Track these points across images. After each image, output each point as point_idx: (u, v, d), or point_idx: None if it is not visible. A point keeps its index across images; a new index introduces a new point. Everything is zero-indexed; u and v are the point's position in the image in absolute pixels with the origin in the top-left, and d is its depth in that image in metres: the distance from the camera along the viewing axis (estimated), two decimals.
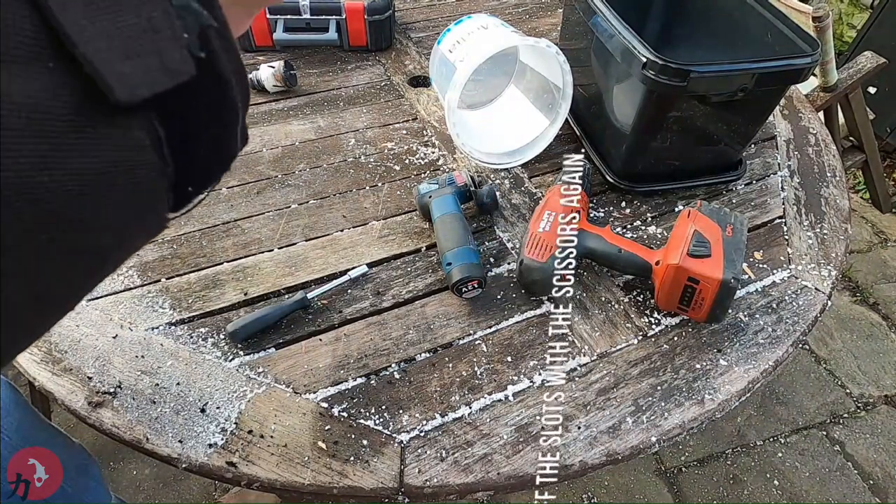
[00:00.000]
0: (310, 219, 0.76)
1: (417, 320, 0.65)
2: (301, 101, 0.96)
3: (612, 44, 0.72)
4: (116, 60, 0.14)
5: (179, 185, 0.19)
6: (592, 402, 0.59)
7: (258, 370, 0.59)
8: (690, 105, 0.71)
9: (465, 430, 0.56)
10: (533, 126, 0.87)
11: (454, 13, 1.20)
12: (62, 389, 0.56)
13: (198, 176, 0.19)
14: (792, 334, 0.66)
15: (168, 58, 0.15)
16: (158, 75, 0.15)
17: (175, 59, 0.16)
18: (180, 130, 0.17)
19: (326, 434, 0.55)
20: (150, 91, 0.15)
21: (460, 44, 0.80)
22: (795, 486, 1.31)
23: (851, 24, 2.27)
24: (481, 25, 0.82)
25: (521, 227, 0.76)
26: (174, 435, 0.53)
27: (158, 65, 0.15)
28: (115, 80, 0.14)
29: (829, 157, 0.92)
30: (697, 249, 0.61)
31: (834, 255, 0.75)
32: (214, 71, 0.17)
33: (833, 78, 1.43)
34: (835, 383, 1.50)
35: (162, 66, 0.15)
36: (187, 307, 0.65)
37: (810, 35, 0.71)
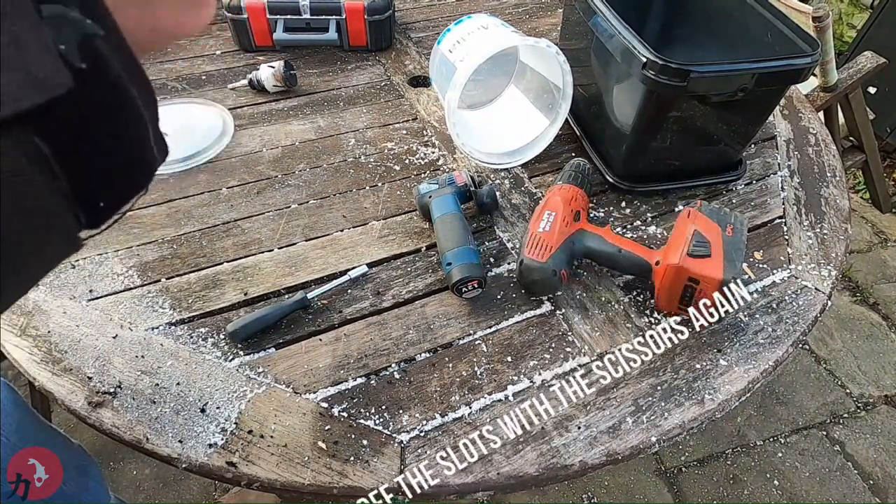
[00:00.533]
0: (310, 219, 0.76)
1: (417, 320, 0.65)
2: (301, 101, 0.96)
3: (612, 44, 0.72)
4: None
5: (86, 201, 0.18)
6: (592, 402, 0.59)
7: (258, 370, 0.59)
8: (690, 105, 0.71)
9: (465, 430, 0.56)
10: (533, 126, 0.87)
11: (454, 13, 1.20)
12: (62, 389, 0.56)
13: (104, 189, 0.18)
14: (792, 334, 0.66)
15: (37, 71, 0.15)
16: (26, 91, 0.14)
17: (45, 72, 0.15)
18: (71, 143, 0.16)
19: (326, 434, 0.55)
20: (14, 109, 0.14)
21: (460, 44, 0.81)
22: (795, 486, 1.31)
23: (851, 24, 2.27)
24: (481, 25, 0.82)
25: (521, 227, 0.76)
26: (174, 435, 0.53)
27: (24, 80, 0.14)
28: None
29: (829, 157, 0.92)
30: (697, 249, 0.61)
31: (834, 255, 0.75)
32: (103, 79, 0.16)
33: (833, 78, 1.43)
34: (835, 383, 1.50)
35: (29, 80, 0.14)
36: (187, 307, 0.65)
37: (810, 35, 0.71)
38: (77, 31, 0.15)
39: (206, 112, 0.92)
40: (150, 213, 0.75)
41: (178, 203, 0.77)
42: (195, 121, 0.89)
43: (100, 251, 0.70)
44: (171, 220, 0.75)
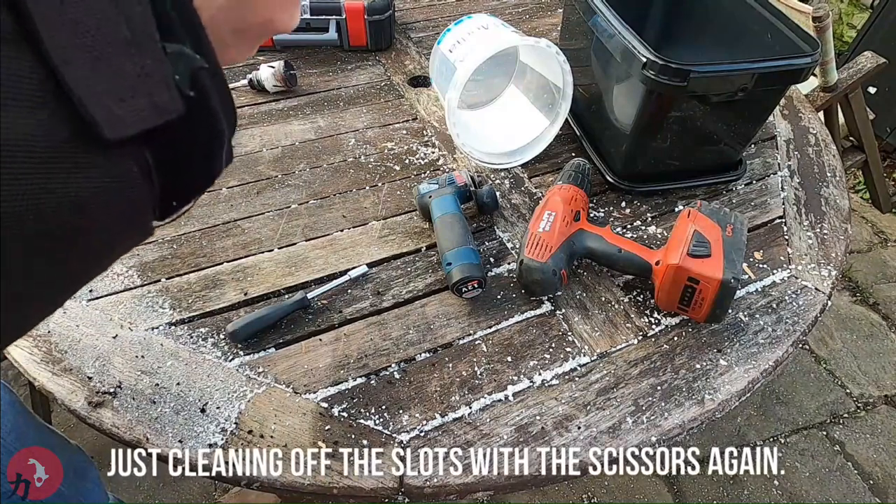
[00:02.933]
0: (310, 219, 0.76)
1: (417, 320, 0.65)
2: (301, 101, 0.96)
3: (612, 44, 0.72)
4: (111, 103, 0.16)
5: (165, 201, 0.21)
6: (592, 402, 0.59)
7: (258, 370, 0.59)
8: (690, 105, 0.71)
9: (465, 430, 0.56)
10: (533, 126, 0.87)
11: (454, 13, 1.20)
12: (62, 389, 0.56)
13: (183, 194, 0.21)
14: (792, 334, 0.66)
15: (158, 98, 0.18)
16: (148, 114, 0.18)
17: (164, 100, 0.18)
18: (170, 157, 0.19)
19: (326, 434, 0.55)
20: (138, 129, 0.17)
21: (460, 44, 0.80)
22: (795, 486, 1.31)
23: (851, 24, 2.27)
24: (481, 25, 0.82)
25: (521, 227, 0.76)
26: (174, 435, 0.53)
27: (148, 105, 0.18)
28: (105, 120, 0.16)
29: (829, 157, 0.92)
30: (697, 249, 0.61)
31: (834, 255, 0.75)
32: (204, 105, 0.19)
33: (833, 78, 1.43)
34: (835, 383, 1.50)
35: (152, 105, 0.18)
36: (187, 307, 0.65)
37: (810, 35, 0.71)
38: (188, 65, 0.19)
39: None
40: None
41: None
42: None
43: None
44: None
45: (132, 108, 0.17)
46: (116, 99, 0.17)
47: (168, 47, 0.18)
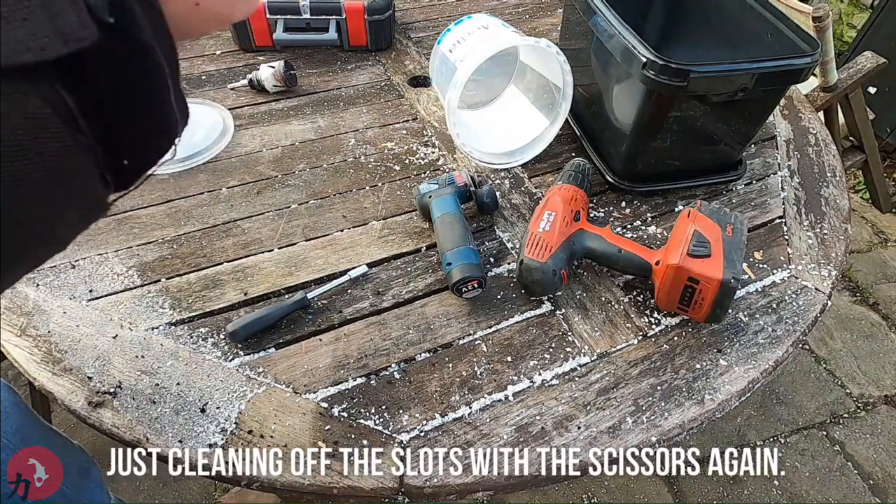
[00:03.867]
0: (310, 219, 0.76)
1: (417, 320, 0.65)
2: (301, 101, 0.96)
3: (612, 44, 0.72)
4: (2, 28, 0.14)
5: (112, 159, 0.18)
6: (592, 402, 0.59)
7: (258, 370, 0.59)
8: (690, 105, 0.71)
9: (465, 430, 0.56)
10: (533, 126, 0.87)
11: (454, 13, 1.20)
12: (62, 389, 0.56)
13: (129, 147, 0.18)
14: (792, 334, 0.66)
15: (63, 23, 0.15)
16: (51, 41, 0.15)
17: (71, 25, 0.15)
18: (94, 97, 0.16)
19: (326, 434, 0.55)
20: (37, 57, 0.14)
21: (460, 44, 0.80)
22: (795, 486, 1.31)
23: (851, 24, 2.27)
24: (482, 25, 0.82)
25: (521, 227, 0.76)
26: (174, 435, 0.53)
27: (51, 30, 0.15)
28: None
29: (829, 157, 0.92)
30: (697, 249, 0.61)
31: (834, 255, 0.75)
32: (131, 36, 0.16)
33: (833, 78, 1.43)
34: (835, 383, 1.50)
35: (56, 31, 0.15)
36: (187, 307, 0.65)
37: (810, 35, 0.71)
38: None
39: (206, 112, 0.92)
40: (149, 213, 0.75)
41: (178, 203, 0.77)
42: (195, 121, 0.89)
43: (100, 251, 0.70)
44: (171, 220, 0.75)
45: (28, 34, 0.14)
46: (7, 20, 0.14)
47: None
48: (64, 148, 0.16)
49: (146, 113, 0.18)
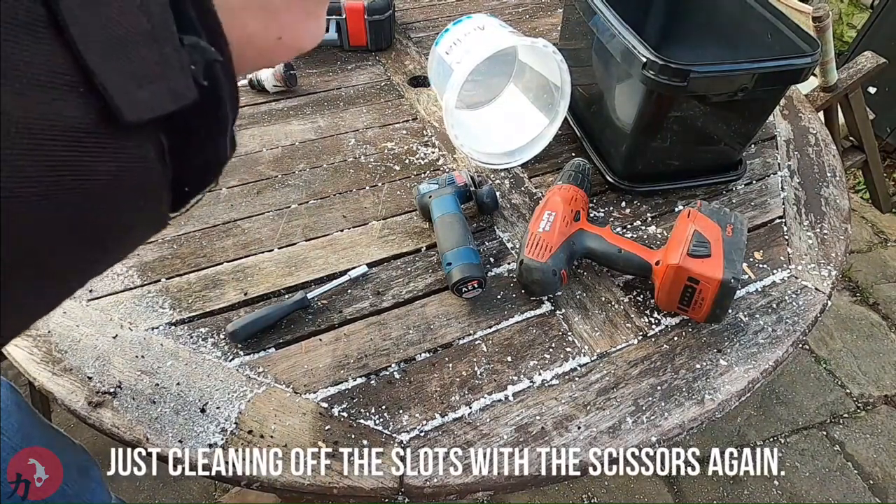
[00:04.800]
0: (310, 219, 0.76)
1: (417, 320, 0.65)
2: (301, 101, 0.96)
3: (612, 44, 0.72)
4: (130, 88, 0.18)
5: (177, 186, 0.22)
6: (592, 402, 0.59)
7: (258, 370, 0.59)
8: (690, 105, 0.71)
9: (465, 430, 0.56)
10: (532, 125, 0.87)
11: (454, 13, 1.20)
12: (62, 389, 0.56)
13: (193, 178, 0.23)
14: (792, 334, 0.66)
15: (174, 83, 0.19)
16: (165, 99, 0.19)
17: (180, 85, 0.19)
18: (181, 141, 0.21)
19: (326, 434, 0.55)
20: (157, 113, 0.19)
21: (457, 45, 0.80)
22: (795, 486, 1.31)
23: (851, 24, 2.27)
24: (478, 26, 0.82)
25: (521, 227, 0.76)
26: (174, 435, 0.53)
27: (166, 90, 0.19)
28: (127, 105, 0.17)
29: (829, 157, 0.92)
30: (697, 249, 0.61)
31: (834, 255, 0.75)
32: (214, 94, 0.21)
33: (833, 78, 1.43)
34: (835, 383, 1.50)
35: (169, 90, 0.19)
36: (187, 307, 0.65)
37: (810, 35, 0.71)
38: (203, 57, 0.20)
39: None
40: None
41: None
42: None
43: None
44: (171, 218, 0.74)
45: (151, 94, 0.18)
46: (136, 85, 0.18)
47: (185, 39, 0.19)
48: (158, 183, 0.21)
49: (211, 152, 0.23)
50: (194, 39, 0.20)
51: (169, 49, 0.19)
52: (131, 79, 0.18)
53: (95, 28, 0.17)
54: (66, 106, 0.16)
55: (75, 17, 0.16)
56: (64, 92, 0.16)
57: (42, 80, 0.16)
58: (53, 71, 0.16)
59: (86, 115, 0.17)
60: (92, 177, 0.17)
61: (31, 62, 0.15)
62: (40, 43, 0.16)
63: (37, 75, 0.16)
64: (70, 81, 0.16)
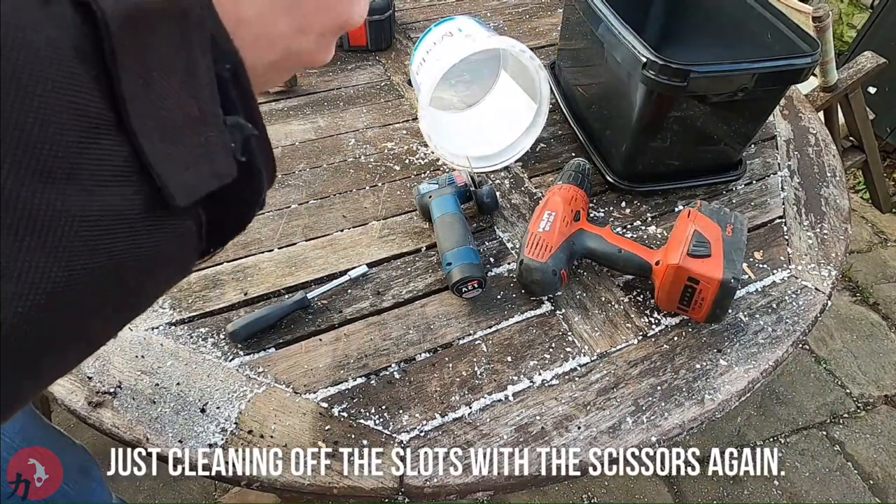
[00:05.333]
0: (310, 219, 0.76)
1: (417, 320, 0.65)
2: (301, 101, 0.96)
3: (611, 44, 0.72)
4: (179, 173, 0.18)
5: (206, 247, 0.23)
6: (592, 402, 0.59)
7: (258, 370, 0.59)
8: (690, 105, 0.71)
9: (465, 430, 0.56)
10: (525, 113, 0.85)
11: (454, 13, 1.20)
12: (62, 389, 0.56)
13: (221, 241, 0.23)
14: (792, 334, 0.66)
15: (217, 166, 0.20)
16: (209, 180, 0.20)
17: (222, 166, 0.20)
18: (218, 213, 0.21)
19: (326, 434, 0.55)
20: (202, 193, 0.19)
21: (423, 64, 0.80)
22: (795, 486, 1.31)
23: (851, 24, 2.27)
24: (437, 40, 0.80)
25: (521, 227, 0.76)
26: (174, 435, 0.53)
27: (210, 172, 0.19)
28: (177, 190, 0.18)
29: (829, 157, 0.92)
30: (697, 249, 0.61)
31: (834, 255, 0.75)
32: (251, 168, 0.21)
33: (833, 78, 1.43)
34: (835, 383, 1.50)
35: (213, 172, 0.20)
36: (187, 307, 0.65)
37: (810, 35, 0.71)
38: (242, 134, 0.21)
39: None
40: None
41: None
42: None
43: None
44: None
45: (196, 176, 0.19)
46: (184, 169, 0.18)
47: (228, 119, 0.20)
48: (194, 253, 0.22)
49: (243, 219, 0.23)
50: (235, 119, 0.20)
51: (214, 132, 0.20)
52: (181, 164, 0.18)
53: (154, 119, 0.17)
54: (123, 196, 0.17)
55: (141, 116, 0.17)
56: (122, 182, 0.17)
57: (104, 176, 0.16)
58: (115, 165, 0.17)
59: (140, 202, 0.17)
60: (138, 253, 0.18)
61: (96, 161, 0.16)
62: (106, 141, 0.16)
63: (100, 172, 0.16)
64: (128, 172, 0.17)
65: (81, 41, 0.15)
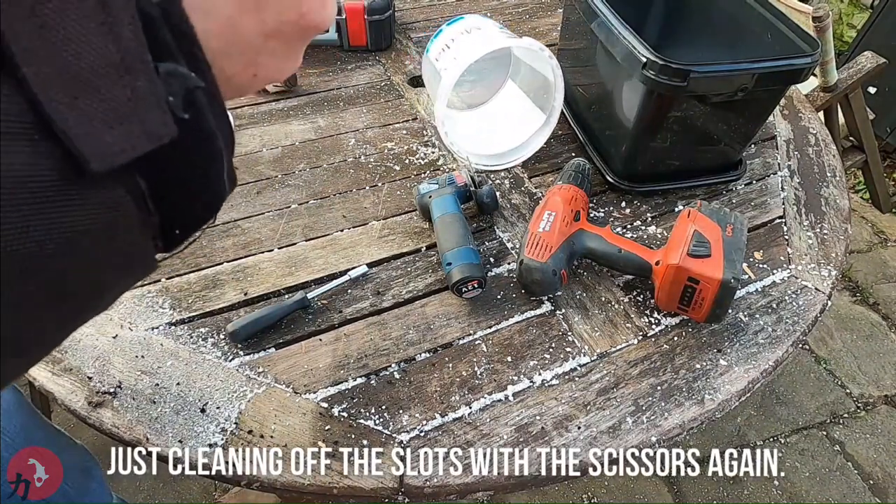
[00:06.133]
0: (310, 219, 0.76)
1: (417, 320, 0.65)
2: (301, 101, 0.96)
3: (612, 44, 0.72)
4: (97, 131, 0.15)
5: (166, 230, 0.20)
6: (592, 402, 0.59)
7: (258, 370, 0.59)
8: (690, 105, 0.71)
9: (465, 430, 0.56)
10: (530, 122, 0.86)
11: (454, 13, 1.20)
12: (62, 389, 0.56)
13: (183, 220, 0.20)
14: (792, 334, 0.66)
15: (150, 123, 0.17)
16: (139, 140, 0.16)
17: (156, 124, 0.17)
18: (163, 182, 0.18)
19: (326, 434, 0.55)
20: (130, 156, 0.16)
21: (445, 51, 0.80)
22: (795, 486, 1.31)
23: (851, 24, 2.27)
24: (465, 29, 0.81)
25: (521, 227, 0.76)
26: (174, 435, 0.53)
27: (140, 130, 0.16)
28: (92, 152, 0.15)
29: (829, 157, 0.92)
30: (697, 249, 0.61)
31: (834, 255, 0.75)
32: (199, 128, 0.18)
33: (833, 78, 1.43)
34: (835, 383, 1.50)
35: (144, 131, 0.16)
36: (187, 307, 0.65)
37: (810, 35, 0.71)
38: (183, 85, 0.18)
39: None
40: None
41: None
42: None
43: None
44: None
45: (122, 136, 0.16)
46: (105, 128, 0.16)
47: (161, 67, 0.17)
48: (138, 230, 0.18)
49: (203, 191, 0.20)
50: (171, 66, 0.17)
51: (142, 82, 0.16)
52: (98, 121, 0.15)
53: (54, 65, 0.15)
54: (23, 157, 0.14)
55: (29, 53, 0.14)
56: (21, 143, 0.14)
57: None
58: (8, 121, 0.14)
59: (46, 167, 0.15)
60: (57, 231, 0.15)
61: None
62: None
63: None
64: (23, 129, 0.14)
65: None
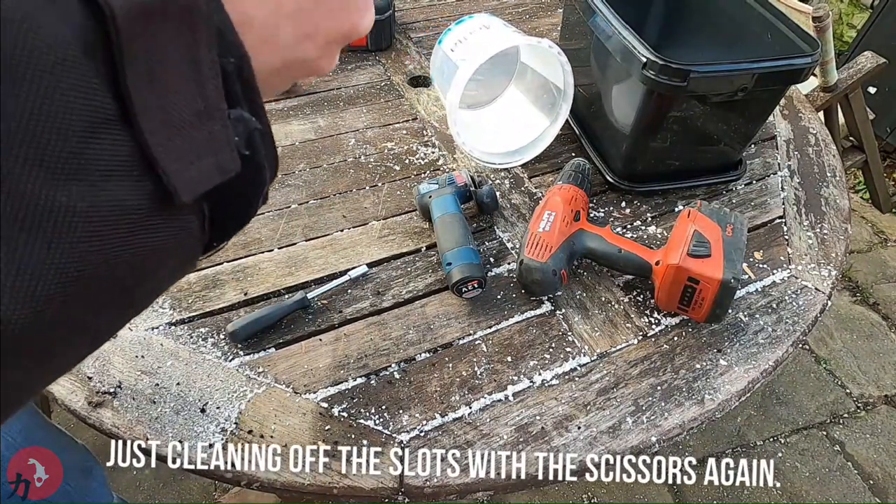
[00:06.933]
0: (310, 219, 0.76)
1: (417, 320, 0.65)
2: (301, 101, 0.96)
3: (611, 44, 0.72)
4: (184, 167, 0.18)
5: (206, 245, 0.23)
6: (592, 402, 0.59)
7: (258, 370, 0.59)
8: (690, 105, 0.71)
9: (465, 430, 0.56)
10: (533, 127, 0.87)
11: (454, 13, 1.20)
12: (62, 389, 0.56)
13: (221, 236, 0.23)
14: (792, 334, 0.66)
15: (222, 159, 0.20)
16: (213, 174, 0.20)
17: (226, 161, 0.20)
18: (222, 207, 0.21)
19: (326, 434, 0.55)
20: (206, 188, 0.19)
21: (462, 43, 0.80)
22: (795, 486, 1.31)
23: (851, 24, 2.27)
24: (483, 25, 0.82)
25: (521, 227, 0.76)
26: (174, 435, 0.53)
27: (214, 166, 0.19)
28: (181, 185, 0.18)
29: (829, 157, 0.92)
30: (697, 249, 0.61)
31: (834, 255, 0.75)
32: (254, 162, 0.22)
33: (833, 78, 1.43)
34: (835, 383, 1.50)
35: (217, 166, 0.20)
36: (187, 307, 0.65)
37: (810, 35, 0.71)
38: (246, 128, 0.21)
39: None
40: None
41: None
42: None
43: None
44: None
45: (200, 170, 0.19)
46: (188, 163, 0.18)
47: (231, 113, 0.20)
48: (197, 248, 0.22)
49: (245, 214, 0.23)
50: (238, 112, 0.20)
51: (218, 125, 0.19)
52: (184, 160, 0.18)
53: (159, 113, 0.17)
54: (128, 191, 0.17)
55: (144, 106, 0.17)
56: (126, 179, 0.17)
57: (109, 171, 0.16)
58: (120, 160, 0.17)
59: (144, 197, 0.17)
60: (143, 249, 0.18)
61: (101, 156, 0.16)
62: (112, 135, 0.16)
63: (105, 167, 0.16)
64: (133, 168, 0.17)
65: (88, 34, 0.15)
